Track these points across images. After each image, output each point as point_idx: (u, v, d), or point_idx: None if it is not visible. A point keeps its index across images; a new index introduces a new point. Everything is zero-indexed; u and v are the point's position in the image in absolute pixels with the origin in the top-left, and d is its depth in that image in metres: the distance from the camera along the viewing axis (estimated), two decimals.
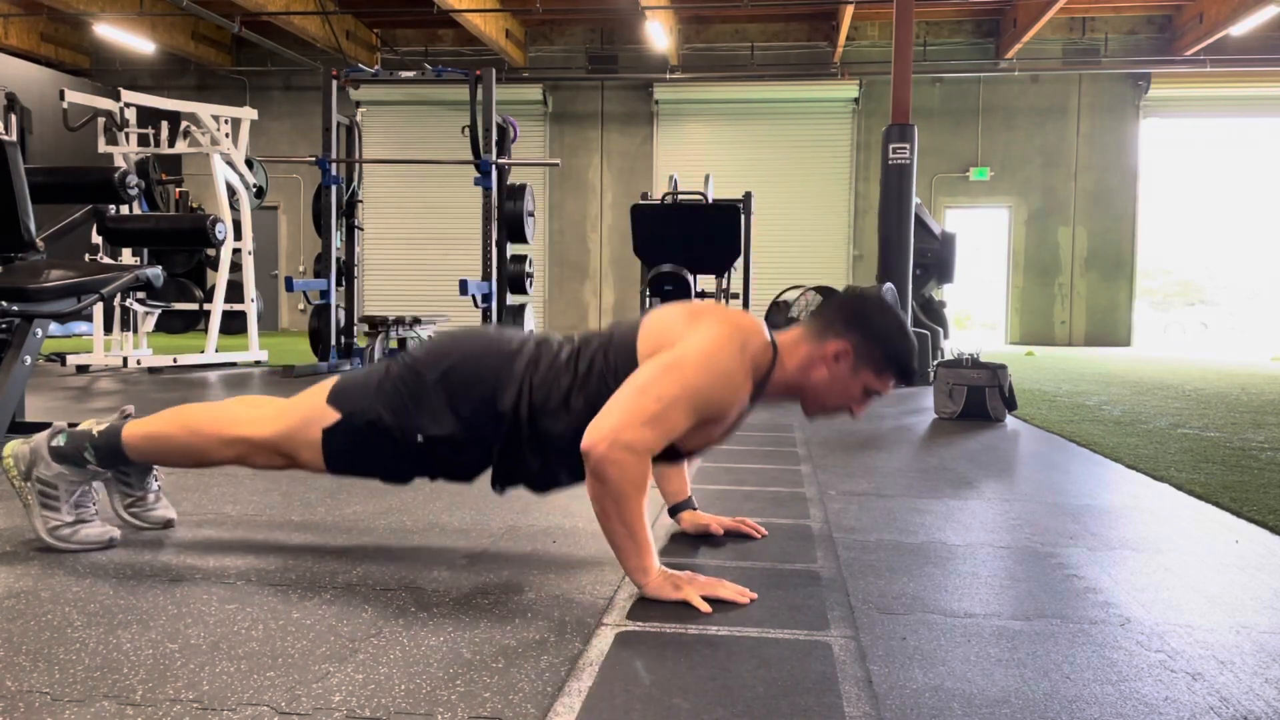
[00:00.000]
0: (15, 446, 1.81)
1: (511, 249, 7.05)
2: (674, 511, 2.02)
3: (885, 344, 1.68)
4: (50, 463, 1.78)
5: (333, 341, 6.78)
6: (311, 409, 1.72)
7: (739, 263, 6.95)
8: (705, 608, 1.49)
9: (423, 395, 1.67)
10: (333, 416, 1.69)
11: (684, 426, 1.56)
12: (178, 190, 7.98)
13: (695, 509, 2.01)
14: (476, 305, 6.46)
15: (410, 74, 7.18)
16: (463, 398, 1.67)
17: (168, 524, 1.98)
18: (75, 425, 1.85)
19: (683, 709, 1.14)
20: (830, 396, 1.71)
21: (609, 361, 1.66)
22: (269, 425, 1.73)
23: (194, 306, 7.94)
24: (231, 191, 7.04)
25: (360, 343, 7.08)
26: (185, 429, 1.77)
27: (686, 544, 1.94)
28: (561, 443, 1.65)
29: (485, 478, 1.76)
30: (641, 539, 1.54)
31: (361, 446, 1.70)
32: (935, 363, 4.98)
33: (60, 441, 1.80)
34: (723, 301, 6.72)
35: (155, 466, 1.95)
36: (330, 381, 1.76)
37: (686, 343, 1.59)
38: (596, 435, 1.49)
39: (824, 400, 1.72)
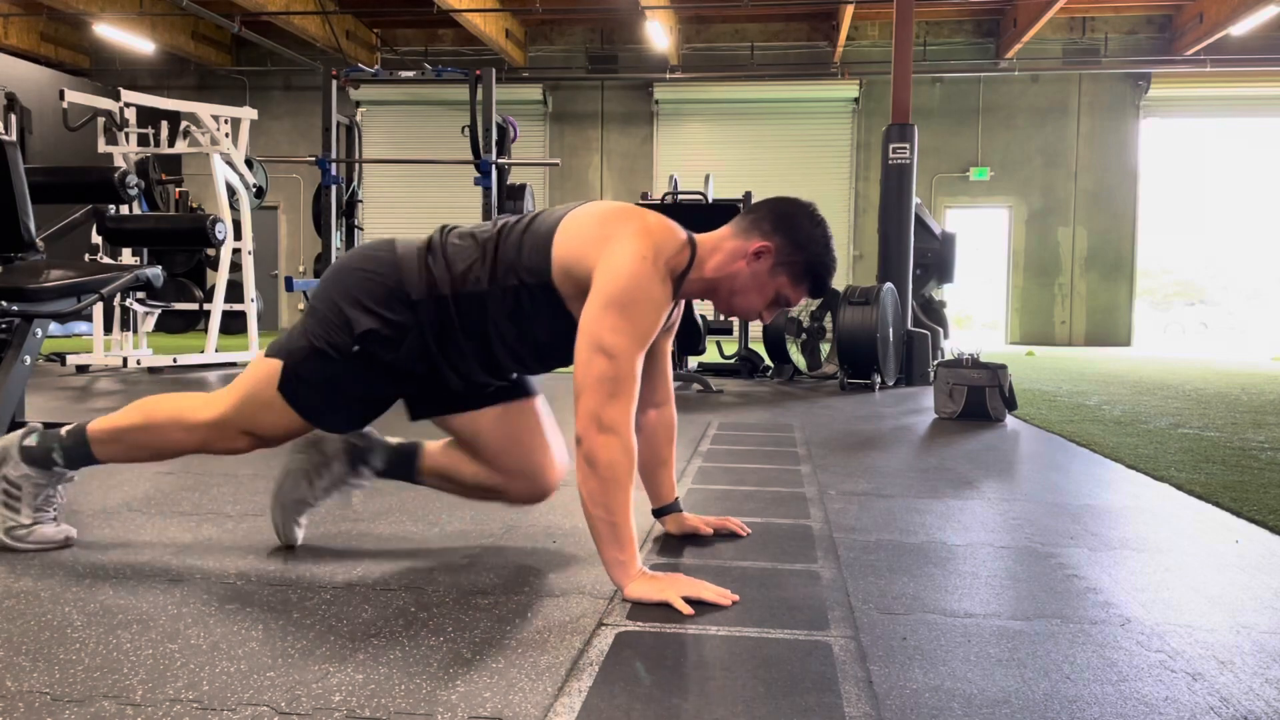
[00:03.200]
0: None
1: None
2: (659, 514, 2.01)
3: (808, 251, 1.68)
4: (19, 463, 1.78)
5: None
6: (254, 372, 1.72)
7: None
8: (686, 609, 1.48)
9: (335, 313, 1.67)
10: (276, 365, 1.69)
11: (639, 367, 1.58)
12: (178, 190, 7.98)
13: (681, 511, 2.01)
14: None
15: (410, 74, 7.18)
16: (369, 298, 1.67)
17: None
18: (52, 427, 1.84)
19: (683, 709, 1.14)
20: (742, 295, 1.71)
21: (521, 256, 1.65)
22: (222, 401, 1.74)
23: (194, 306, 7.94)
24: (231, 191, 7.04)
25: None
26: (145, 418, 1.77)
27: (680, 545, 1.94)
28: (488, 325, 1.67)
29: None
30: (625, 532, 1.55)
31: (317, 380, 1.69)
32: (935, 363, 4.98)
33: (31, 441, 1.79)
34: None
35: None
36: (256, 362, 1.77)
37: (609, 271, 1.57)
38: (580, 423, 1.53)
39: (735, 298, 1.72)
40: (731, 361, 6.86)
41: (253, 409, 1.72)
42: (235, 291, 7.32)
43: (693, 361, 6.77)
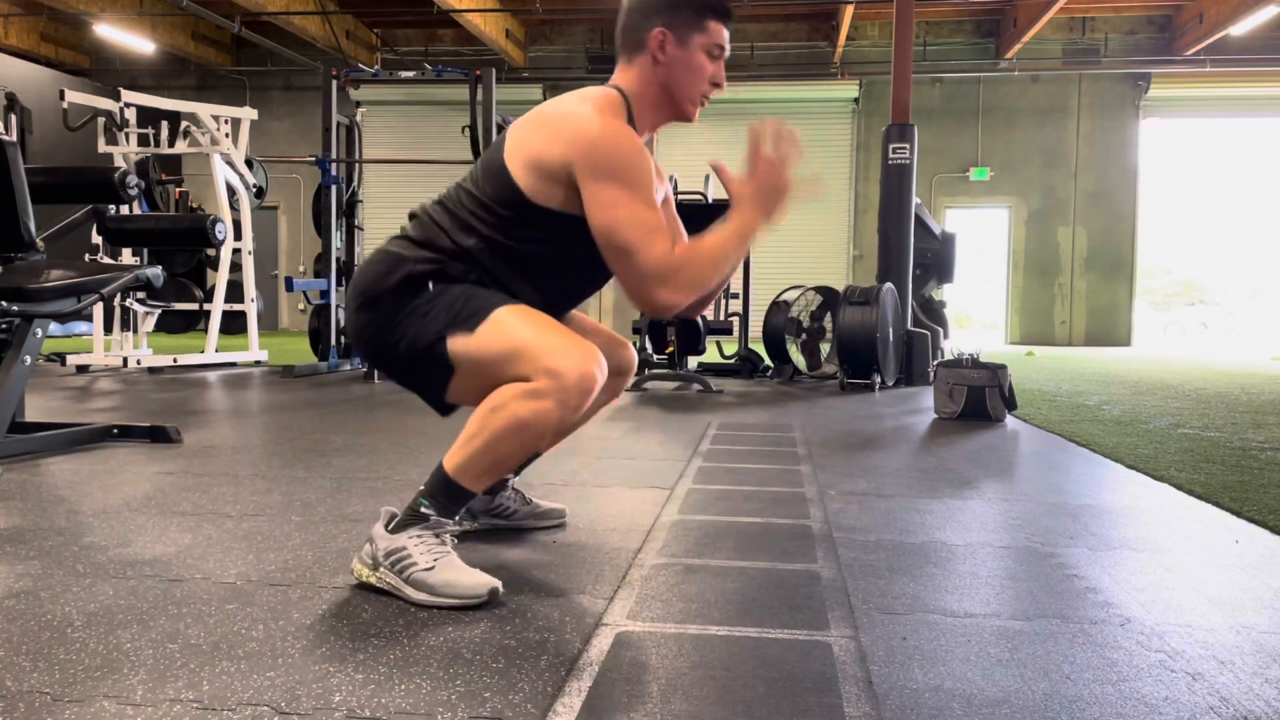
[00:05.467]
0: (358, 560, 1.60)
1: None
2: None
3: None
4: (388, 537, 1.55)
5: (333, 341, 6.78)
6: (489, 339, 1.58)
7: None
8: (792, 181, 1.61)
9: (397, 293, 1.62)
10: (461, 332, 1.58)
11: (659, 218, 1.58)
12: (178, 190, 7.98)
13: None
14: None
15: (410, 74, 7.17)
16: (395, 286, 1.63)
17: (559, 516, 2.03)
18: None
19: (683, 709, 1.14)
20: (684, 84, 1.70)
21: (489, 196, 1.63)
22: (523, 368, 1.54)
23: (194, 306, 7.94)
24: (231, 191, 7.04)
25: None
26: (487, 410, 1.54)
27: (682, 545, 1.94)
28: (492, 272, 1.65)
29: None
30: (730, 244, 1.60)
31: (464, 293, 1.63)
32: (935, 363, 4.98)
33: (390, 521, 1.59)
34: (722, 301, 6.72)
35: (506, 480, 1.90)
36: (466, 348, 1.58)
37: (579, 149, 1.55)
38: (648, 292, 1.55)
39: (682, 91, 1.71)
40: (731, 361, 6.86)
41: (526, 342, 1.54)
42: (235, 291, 7.32)
43: (693, 361, 6.77)
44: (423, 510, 1.57)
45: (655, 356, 6.21)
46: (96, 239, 6.65)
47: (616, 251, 1.57)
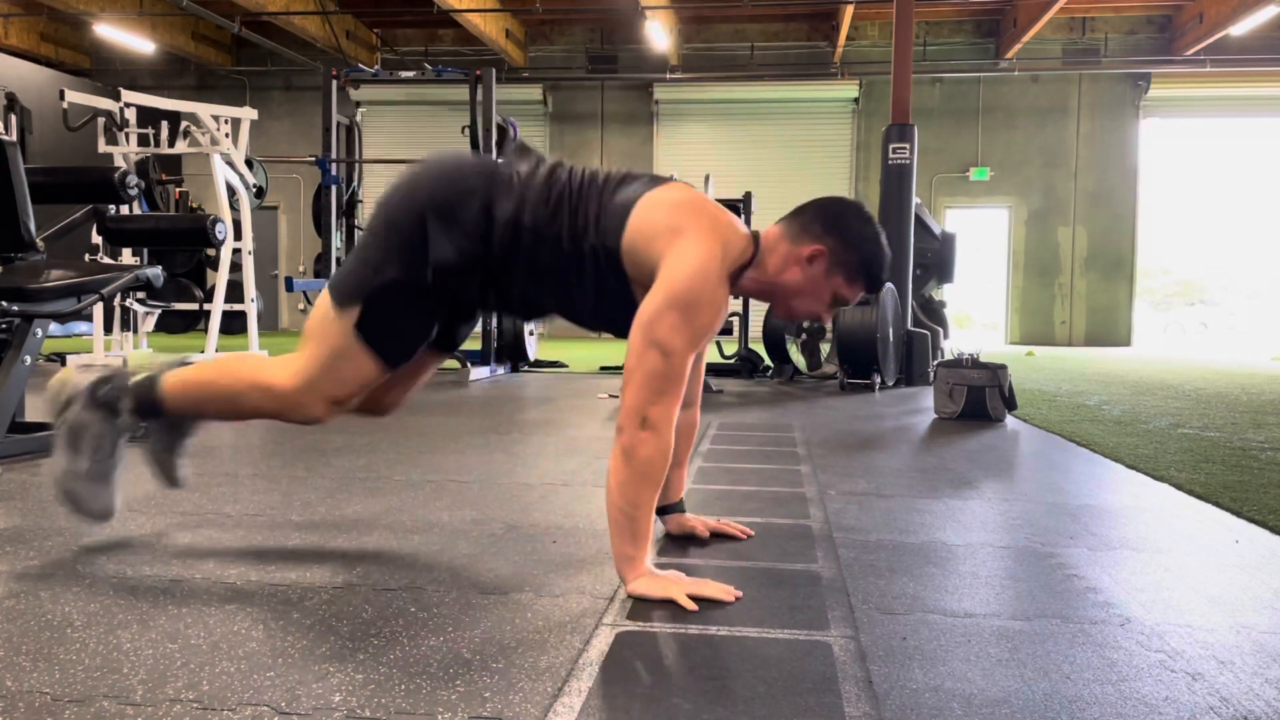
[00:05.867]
0: (70, 374, 1.80)
1: None
2: (661, 512, 2.00)
3: (860, 251, 1.69)
4: (86, 405, 1.76)
5: None
6: (324, 323, 1.69)
7: None
8: (691, 605, 1.49)
9: (417, 230, 1.65)
10: (353, 312, 1.66)
11: (689, 368, 1.60)
12: (178, 190, 7.99)
13: (684, 512, 2.01)
14: None
15: (410, 74, 7.18)
16: (459, 215, 1.65)
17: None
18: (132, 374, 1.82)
19: (683, 709, 1.14)
20: (800, 299, 1.73)
21: (602, 220, 1.65)
22: (300, 360, 1.70)
23: (194, 306, 7.94)
24: (231, 191, 7.04)
25: None
26: (223, 373, 1.76)
27: (682, 545, 1.94)
28: (551, 270, 1.68)
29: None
30: (642, 528, 1.57)
31: (393, 314, 1.67)
32: (935, 363, 4.98)
33: (103, 387, 1.78)
34: None
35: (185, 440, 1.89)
36: (323, 308, 1.70)
37: (676, 267, 1.57)
38: (624, 415, 1.55)
39: (793, 302, 1.74)
40: (731, 361, 6.86)
41: (333, 362, 1.68)
42: (235, 291, 7.31)
43: None
44: (120, 406, 1.76)
45: None
46: (96, 239, 6.65)
47: (638, 359, 1.56)
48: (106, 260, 6.57)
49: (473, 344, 6.46)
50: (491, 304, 1.77)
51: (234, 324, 7.70)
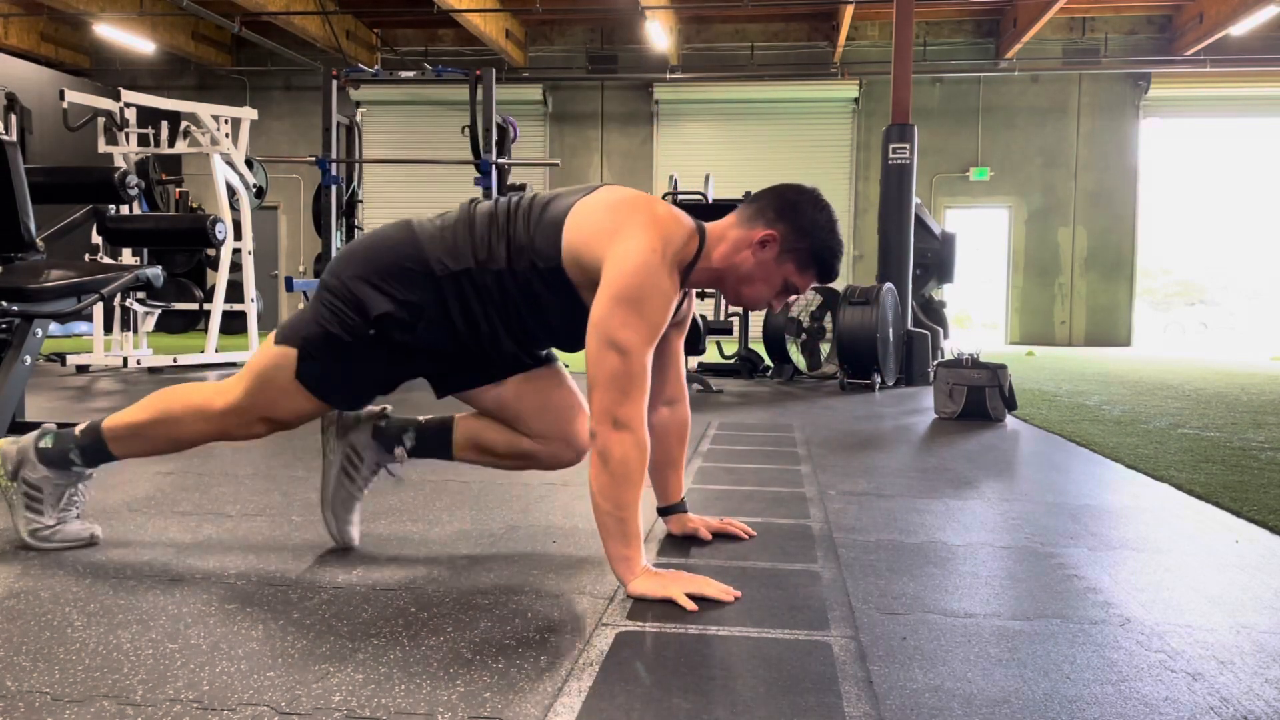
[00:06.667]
0: (4, 445, 1.82)
1: None
2: (664, 513, 2.00)
3: (813, 238, 1.68)
4: (36, 465, 1.79)
5: None
6: (266, 360, 1.72)
7: None
8: (690, 605, 1.49)
9: (348, 294, 1.67)
10: (292, 353, 1.69)
11: (650, 361, 1.59)
12: (178, 190, 7.98)
13: (686, 512, 2.00)
14: None
15: (410, 74, 7.17)
16: (385, 276, 1.67)
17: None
18: (65, 426, 1.85)
19: (683, 709, 1.14)
20: (749, 285, 1.71)
21: (534, 240, 1.66)
22: (236, 389, 1.74)
23: (194, 306, 7.94)
24: (231, 191, 7.04)
25: None
26: (161, 412, 1.79)
27: (683, 545, 1.94)
28: (508, 303, 1.69)
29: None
30: (632, 528, 1.56)
31: (334, 364, 1.70)
32: (935, 363, 4.98)
33: (47, 443, 1.80)
34: (723, 302, 6.72)
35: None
36: (270, 338, 1.77)
37: (618, 264, 1.57)
38: (595, 419, 1.54)
39: (743, 288, 1.72)
40: (731, 361, 6.86)
41: (270, 396, 1.72)
42: (235, 291, 7.32)
43: (693, 361, 6.76)
44: (71, 458, 1.79)
45: None
46: (96, 239, 6.65)
47: (597, 363, 1.56)
48: (106, 260, 6.57)
49: None
50: (477, 343, 1.73)
51: (234, 324, 7.71)
